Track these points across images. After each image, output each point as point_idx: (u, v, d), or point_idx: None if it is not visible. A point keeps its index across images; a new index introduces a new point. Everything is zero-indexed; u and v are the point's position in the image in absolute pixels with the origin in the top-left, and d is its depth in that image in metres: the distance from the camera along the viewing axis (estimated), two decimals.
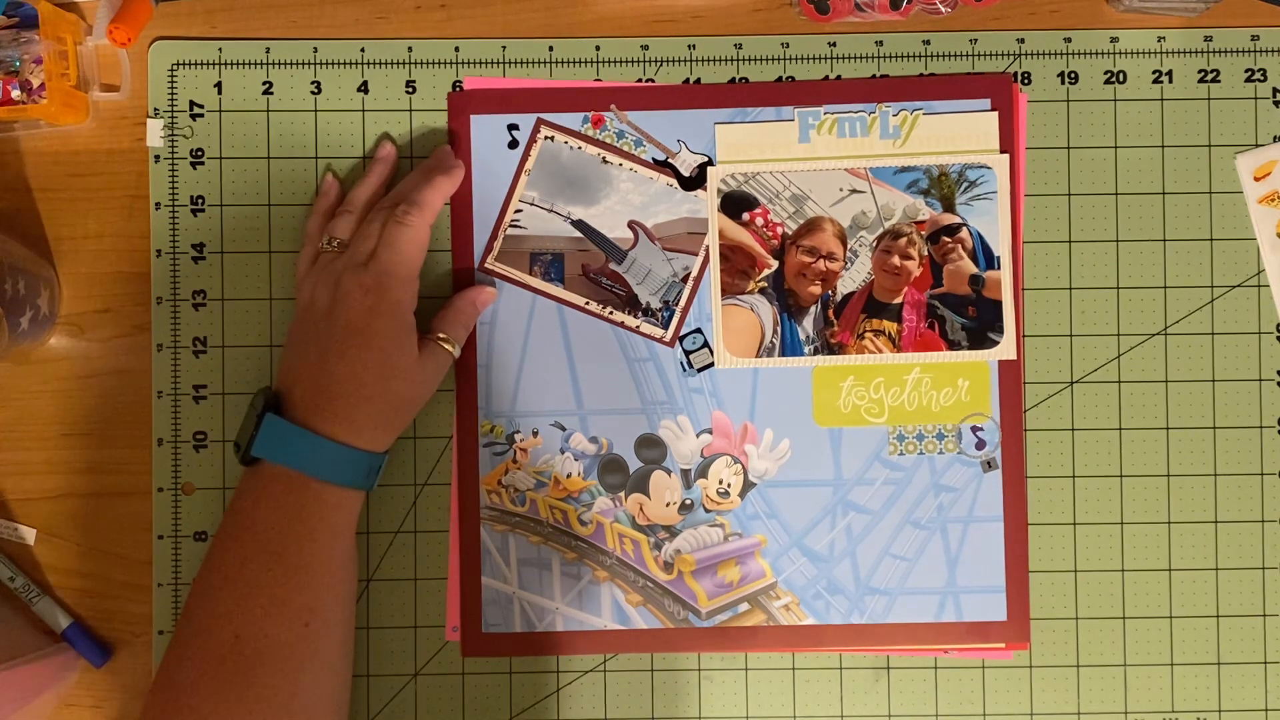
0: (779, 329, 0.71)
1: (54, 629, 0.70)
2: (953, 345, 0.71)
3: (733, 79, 0.71)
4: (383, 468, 0.66)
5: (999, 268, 0.71)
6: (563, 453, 0.71)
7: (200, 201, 0.71)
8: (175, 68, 0.71)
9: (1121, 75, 0.72)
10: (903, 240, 0.71)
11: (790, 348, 0.71)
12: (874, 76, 0.71)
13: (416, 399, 0.66)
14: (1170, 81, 0.72)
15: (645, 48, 0.71)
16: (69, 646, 0.69)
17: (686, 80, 0.71)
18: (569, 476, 0.71)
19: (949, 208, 0.71)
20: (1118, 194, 0.71)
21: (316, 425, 0.63)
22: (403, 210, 0.65)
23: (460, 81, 0.71)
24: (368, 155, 0.71)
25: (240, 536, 0.62)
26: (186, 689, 0.59)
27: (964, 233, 0.71)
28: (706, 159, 0.71)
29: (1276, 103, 0.72)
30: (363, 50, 0.71)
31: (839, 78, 0.71)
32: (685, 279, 0.71)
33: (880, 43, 0.71)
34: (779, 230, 0.71)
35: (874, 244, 0.71)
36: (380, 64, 0.71)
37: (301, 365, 0.64)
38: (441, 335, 0.67)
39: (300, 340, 0.65)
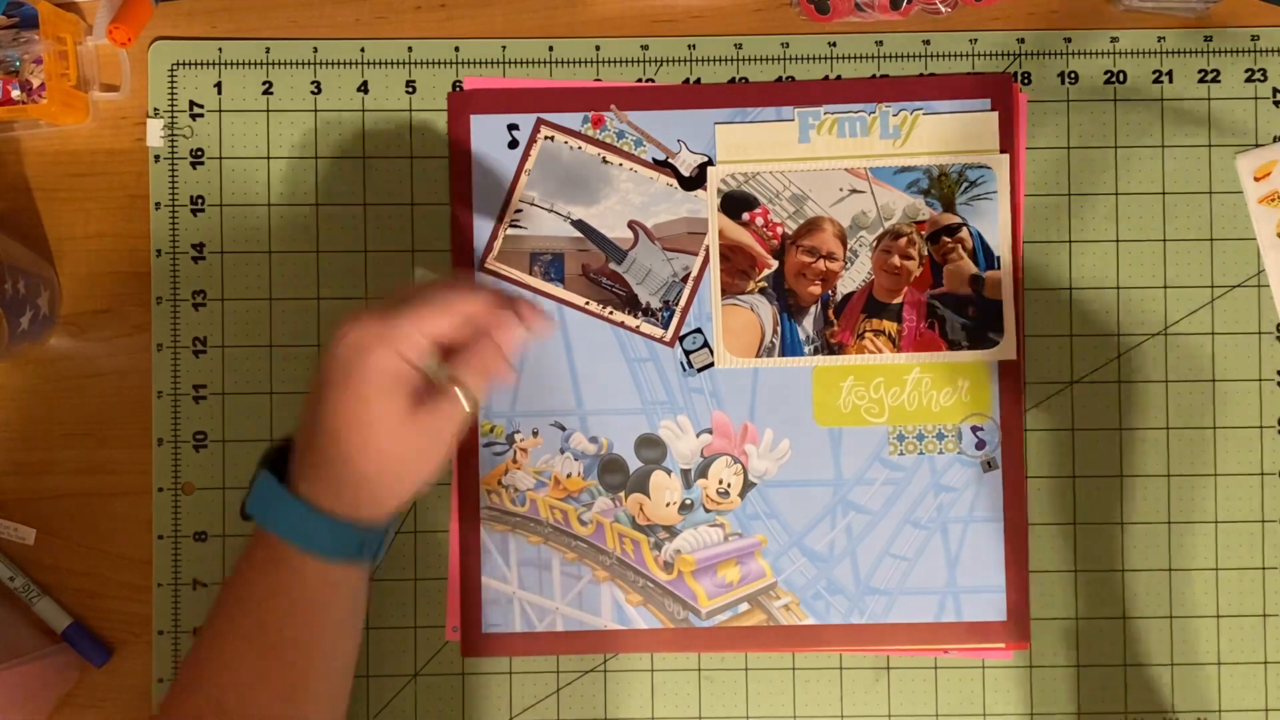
0: (779, 329, 0.71)
1: (54, 629, 0.70)
2: (953, 345, 0.71)
3: (733, 79, 0.71)
4: (385, 542, 0.59)
5: (999, 268, 0.71)
6: (563, 453, 0.71)
7: (200, 201, 0.71)
8: (175, 68, 0.71)
9: (1121, 75, 0.72)
10: (903, 240, 0.71)
11: (790, 348, 0.71)
12: (874, 76, 0.71)
13: (410, 463, 0.55)
14: (1170, 81, 0.72)
15: (645, 48, 0.71)
16: (69, 646, 0.69)
17: (686, 80, 0.71)
18: (569, 476, 0.71)
19: (949, 208, 0.71)
20: (1118, 194, 0.71)
21: (300, 487, 0.55)
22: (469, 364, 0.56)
23: (460, 81, 0.71)
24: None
25: (228, 598, 0.57)
26: None
27: (964, 233, 0.71)
28: (706, 159, 0.71)
29: (1276, 103, 0.72)
30: (363, 50, 0.71)
31: (839, 78, 0.71)
32: (685, 279, 0.71)
33: (880, 43, 0.71)
34: (779, 230, 0.71)
35: (874, 244, 0.71)
36: (380, 64, 0.71)
37: (302, 413, 0.57)
38: (455, 380, 0.56)
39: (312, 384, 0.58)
